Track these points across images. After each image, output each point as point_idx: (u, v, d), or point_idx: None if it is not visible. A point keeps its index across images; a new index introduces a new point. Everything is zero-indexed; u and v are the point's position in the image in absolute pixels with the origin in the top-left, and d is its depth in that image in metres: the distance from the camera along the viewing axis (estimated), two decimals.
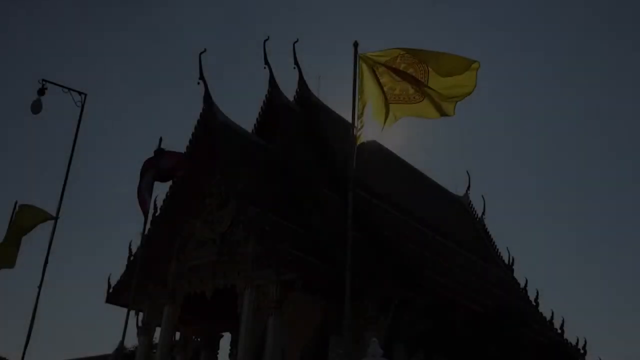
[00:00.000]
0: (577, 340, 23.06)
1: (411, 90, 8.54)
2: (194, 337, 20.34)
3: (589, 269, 64.42)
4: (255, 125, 21.01)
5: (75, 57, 65.15)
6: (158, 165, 10.65)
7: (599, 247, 65.69)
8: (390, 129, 8.87)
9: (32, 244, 12.50)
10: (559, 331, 23.41)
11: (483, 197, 30.66)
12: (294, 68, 21.76)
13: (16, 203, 13.01)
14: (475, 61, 7.99)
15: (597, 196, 67.18)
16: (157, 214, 17.98)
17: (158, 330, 18.12)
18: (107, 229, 65.43)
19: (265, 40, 20.40)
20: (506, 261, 28.24)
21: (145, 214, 10.73)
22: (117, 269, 19.13)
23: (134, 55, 70.38)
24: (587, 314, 53.09)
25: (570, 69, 68.31)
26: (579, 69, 68.87)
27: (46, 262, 10.95)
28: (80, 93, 11.85)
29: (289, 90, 21.82)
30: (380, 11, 63.82)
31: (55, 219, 11.35)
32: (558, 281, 57.37)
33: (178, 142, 22.39)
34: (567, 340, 23.00)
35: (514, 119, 72.40)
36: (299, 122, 20.85)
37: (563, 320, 23.60)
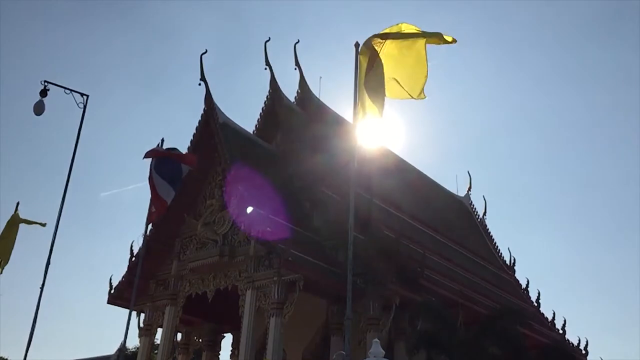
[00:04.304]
0: (579, 340, 23.12)
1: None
2: (195, 337, 20.36)
3: (590, 269, 64.40)
4: (256, 125, 21.02)
5: (77, 58, 65.28)
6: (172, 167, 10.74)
7: (599, 247, 65.69)
8: (390, 129, 8.89)
9: (34, 245, 12.57)
10: (561, 331, 23.42)
11: (484, 198, 30.74)
12: (295, 69, 21.82)
13: (18, 204, 13.09)
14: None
15: (598, 196, 67.17)
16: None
17: (160, 331, 18.14)
18: (109, 230, 65.60)
19: (266, 42, 20.46)
20: (507, 261, 28.24)
21: (159, 214, 10.77)
22: (118, 270, 19.17)
23: (136, 57, 70.54)
24: (588, 315, 53.11)
25: (571, 68, 68.33)
26: (579, 68, 68.91)
27: (48, 263, 10.97)
28: (82, 94, 11.89)
29: (290, 91, 21.89)
30: (381, 12, 63.81)
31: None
32: (559, 282, 57.41)
33: (179, 142, 22.45)
34: (568, 340, 23.00)
35: (514, 118, 72.41)
36: (300, 123, 20.86)
37: (565, 321, 23.66)
